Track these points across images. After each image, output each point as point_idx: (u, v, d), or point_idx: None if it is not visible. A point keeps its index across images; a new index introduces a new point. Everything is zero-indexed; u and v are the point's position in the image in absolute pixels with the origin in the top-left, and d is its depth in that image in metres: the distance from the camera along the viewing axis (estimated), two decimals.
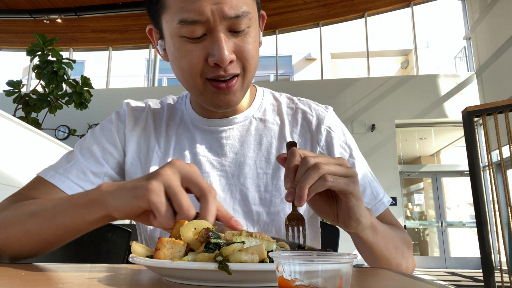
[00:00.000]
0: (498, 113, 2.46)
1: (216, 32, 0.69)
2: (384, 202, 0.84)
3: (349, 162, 0.86)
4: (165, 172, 0.55)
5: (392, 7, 10.22)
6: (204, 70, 0.72)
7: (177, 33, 0.71)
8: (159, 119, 0.91)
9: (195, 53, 0.71)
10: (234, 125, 0.86)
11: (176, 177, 0.56)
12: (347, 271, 0.35)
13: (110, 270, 0.62)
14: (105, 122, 0.91)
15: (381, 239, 0.71)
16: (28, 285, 0.45)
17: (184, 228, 0.51)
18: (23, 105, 4.83)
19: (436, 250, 9.82)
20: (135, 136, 0.88)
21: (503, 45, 7.75)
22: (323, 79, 10.30)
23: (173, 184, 0.55)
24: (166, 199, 0.54)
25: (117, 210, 0.57)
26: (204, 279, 0.47)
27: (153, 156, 0.86)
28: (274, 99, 0.94)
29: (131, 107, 0.91)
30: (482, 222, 2.38)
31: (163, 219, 0.54)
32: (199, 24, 0.68)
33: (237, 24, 0.70)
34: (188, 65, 0.72)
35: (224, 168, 0.84)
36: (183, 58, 0.72)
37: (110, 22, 10.30)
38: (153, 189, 0.54)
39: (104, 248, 1.38)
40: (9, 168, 2.43)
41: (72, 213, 0.62)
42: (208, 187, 0.57)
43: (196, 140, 0.86)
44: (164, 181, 0.55)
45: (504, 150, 2.49)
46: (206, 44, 0.70)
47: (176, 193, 0.54)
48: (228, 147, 0.85)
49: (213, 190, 0.57)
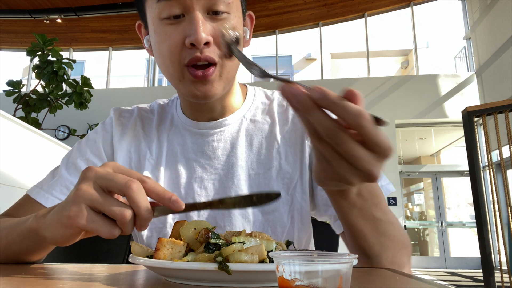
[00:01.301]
0: (498, 113, 2.46)
1: (193, 11, 0.70)
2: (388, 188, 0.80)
3: None
4: (81, 189, 0.51)
5: (392, 7, 10.22)
6: (183, 55, 0.72)
7: (157, 15, 0.72)
8: (148, 124, 0.90)
9: (174, 36, 0.71)
10: (225, 127, 0.85)
11: (92, 188, 0.51)
12: (347, 271, 0.35)
13: (110, 270, 0.62)
14: (91, 133, 0.90)
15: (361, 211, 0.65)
16: (28, 285, 0.45)
17: (184, 228, 0.51)
18: (23, 105, 4.83)
19: (436, 250, 9.83)
20: (124, 144, 0.87)
21: (503, 45, 7.75)
22: (323, 79, 10.30)
23: (93, 198, 0.50)
24: (96, 214, 0.50)
25: (58, 242, 0.54)
26: (204, 279, 0.47)
27: (145, 164, 0.85)
28: (266, 97, 0.93)
29: (118, 115, 0.90)
30: (482, 222, 2.38)
31: (106, 234, 0.50)
32: (176, 1, 0.70)
33: (214, 4, 0.70)
34: (167, 49, 0.72)
35: (217, 171, 0.83)
36: (163, 42, 0.73)
37: (110, 22, 10.30)
38: (75, 215, 0.49)
39: (104, 248, 1.38)
40: (9, 168, 2.43)
41: (19, 240, 0.63)
42: (122, 183, 0.50)
43: (188, 144, 0.86)
44: (83, 199, 0.50)
45: (504, 150, 2.49)
46: (184, 26, 0.71)
47: (102, 205, 0.50)
48: (220, 150, 0.84)
49: (132, 183, 0.50)
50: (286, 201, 0.82)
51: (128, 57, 12.58)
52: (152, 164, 0.85)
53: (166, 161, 0.85)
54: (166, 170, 0.85)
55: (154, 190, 0.51)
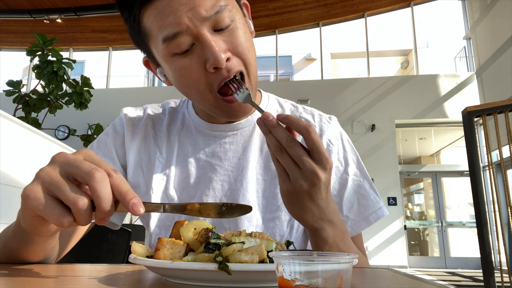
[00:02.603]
0: (498, 113, 2.46)
1: (202, 36, 0.67)
2: (369, 220, 0.84)
3: (343, 178, 0.85)
4: (43, 170, 0.49)
5: (392, 7, 10.23)
6: (209, 81, 0.70)
7: (167, 53, 0.70)
8: (159, 124, 0.90)
9: (192, 66, 0.69)
10: (238, 130, 0.86)
11: (56, 172, 0.49)
12: (347, 271, 0.35)
13: (110, 270, 0.62)
14: (101, 135, 0.90)
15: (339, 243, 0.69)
16: (28, 285, 0.45)
17: (184, 228, 0.51)
18: (23, 105, 4.83)
19: (436, 250, 9.83)
20: (135, 145, 0.87)
21: (503, 45, 7.75)
22: (323, 79, 10.30)
23: (51, 181, 0.48)
24: (50, 198, 0.48)
25: (29, 230, 0.53)
26: (204, 279, 0.47)
27: (155, 163, 0.85)
28: (279, 105, 0.93)
29: (129, 116, 0.90)
30: (482, 222, 2.38)
31: (54, 220, 0.47)
32: (182, 35, 0.67)
33: (219, 21, 0.68)
34: (191, 81, 0.71)
35: (227, 172, 0.83)
36: (184, 76, 0.71)
37: (110, 22, 10.31)
38: (27, 195, 0.48)
39: (104, 248, 1.38)
40: (9, 168, 2.43)
41: (12, 236, 0.63)
42: (86, 171, 0.47)
43: (200, 145, 0.86)
44: (42, 181, 0.48)
45: (504, 150, 2.49)
46: (198, 53, 0.69)
47: (57, 190, 0.47)
48: (231, 152, 0.84)
49: (96, 172, 0.47)
50: None
51: (128, 57, 12.56)
52: (163, 163, 0.85)
53: (177, 161, 0.85)
54: (177, 170, 0.85)
55: (117, 187, 0.49)
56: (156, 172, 0.84)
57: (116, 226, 0.91)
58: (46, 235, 0.55)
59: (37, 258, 0.67)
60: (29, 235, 0.58)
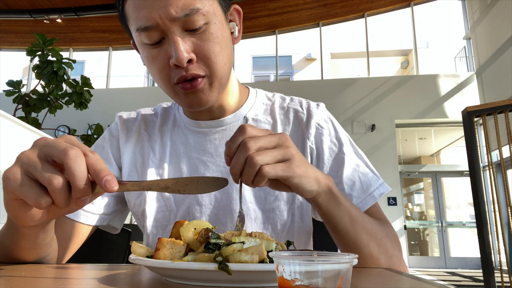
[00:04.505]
0: (498, 113, 2.46)
1: (170, 34, 0.70)
2: (374, 196, 0.82)
3: (339, 157, 0.85)
4: (23, 153, 0.50)
5: (392, 7, 10.22)
6: (171, 75, 0.73)
7: (140, 41, 0.73)
8: (152, 126, 0.93)
9: (159, 58, 0.72)
10: (226, 126, 0.87)
11: (34, 154, 0.49)
12: (347, 271, 0.35)
13: (110, 270, 0.62)
14: (99, 140, 0.94)
15: (345, 214, 0.68)
16: (28, 285, 0.45)
17: (184, 228, 0.51)
18: (23, 105, 4.82)
19: (436, 250, 9.83)
20: (129, 147, 0.89)
21: (503, 45, 7.75)
22: (323, 79, 10.30)
23: (30, 163, 0.48)
24: (28, 179, 0.48)
25: (13, 217, 0.54)
26: (204, 279, 0.47)
27: (149, 164, 0.87)
28: (267, 99, 0.95)
29: (123, 120, 0.93)
30: (482, 222, 2.38)
31: (32, 201, 0.48)
32: (152, 29, 0.70)
33: (190, 22, 0.69)
34: (156, 71, 0.74)
35: (219, 168, 0.85)
36: (151, 64, 0.74)
37: (110, 22, 10.30)
38: (7, 176, 0.48)
39: (104, 248, 1.38)
40: None
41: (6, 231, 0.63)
42: (61, 149, 0.48)
43: (190, 143, 0.87)
44: (21, 163, 0.49)
45: (504, 150, 2.49)
46: (166, 48, 0.71)
47: (34, 170, 0.48)
48: (222, 148, 0.86)
49: (70, 150, 0.48)
50: (288, 200, 0.83)
51: (128, 57, 12.56)
52: (156, 164, 0.87)
53: (170, 160, 0.87)
54: (170, 169, 0.86)
55: (92, 166, 0.49)
56: (150, 173, 0.86)
57: (116, 230, 0.92)
58: (30, 224, 0.55)
59: (32, 256, 0.66)
60: (19, 228, 0.59)
